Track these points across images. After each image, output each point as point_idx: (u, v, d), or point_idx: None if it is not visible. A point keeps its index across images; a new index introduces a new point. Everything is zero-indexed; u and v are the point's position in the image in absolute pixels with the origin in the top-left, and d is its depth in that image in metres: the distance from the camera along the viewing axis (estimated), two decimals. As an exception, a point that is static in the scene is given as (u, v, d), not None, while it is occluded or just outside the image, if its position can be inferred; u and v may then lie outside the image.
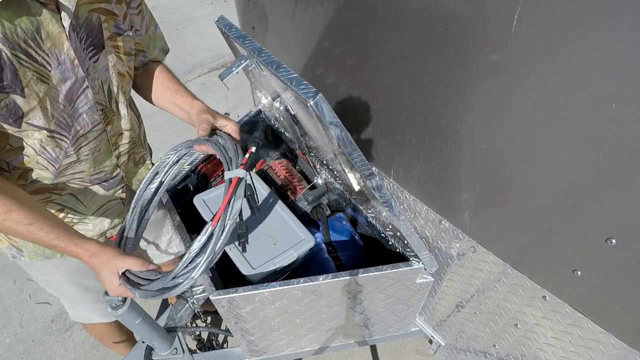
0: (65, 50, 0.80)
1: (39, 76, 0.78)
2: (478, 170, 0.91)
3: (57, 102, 0.83)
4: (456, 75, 0.84)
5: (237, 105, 3.38)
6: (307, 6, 1.16)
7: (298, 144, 1.37)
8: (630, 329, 0.78)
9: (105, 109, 0.96)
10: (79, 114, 0.89)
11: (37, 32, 0.75)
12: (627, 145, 0.63)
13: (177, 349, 1.21)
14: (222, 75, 0.99)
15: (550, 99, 0.69)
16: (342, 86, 1.20)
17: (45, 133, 0.85)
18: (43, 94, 0.79)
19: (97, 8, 0.86)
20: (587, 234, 0.75)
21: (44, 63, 0.78)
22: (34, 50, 0.75)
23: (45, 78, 0.79)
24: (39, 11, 0.74)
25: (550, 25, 0.64)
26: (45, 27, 0.76)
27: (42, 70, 0.78)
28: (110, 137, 1.01)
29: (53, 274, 1.14)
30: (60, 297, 1.29)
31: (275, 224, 1.22)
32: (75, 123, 0.89)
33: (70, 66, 0.82)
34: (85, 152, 0.95)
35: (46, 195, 0.98)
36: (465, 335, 1.26)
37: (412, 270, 1.05)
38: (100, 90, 0.93)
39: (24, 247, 1.02)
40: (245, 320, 1.09)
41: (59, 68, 0.81)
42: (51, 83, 0.80)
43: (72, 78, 0.84)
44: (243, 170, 0.87)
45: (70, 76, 0.83)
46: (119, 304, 0.96)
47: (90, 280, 1.20)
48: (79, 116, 0.89)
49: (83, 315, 1.33)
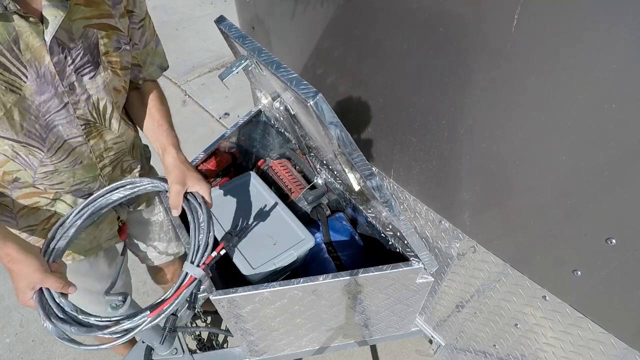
0: (46, 64, 0.78)
1: (8, 86, 0.75)
2: (478, 170, 0.91)
3: (28, 114, 0.81)
4: (456, 75, 0.84)
5: (237, 105, 3.38)
6: (307, 6, 1.16)
7: (298, 144, 1.37)
8: (630, 329, 0.78)
9: (91, 123, 0.93)
10: (54, 126, 0.86)
11: (15, 42, 0.73)
12: (627, 146, 0.63)
13: (177, 349, 1.21)
14: (222, 75, 0.99)
15: (550, 99, 0.69)
16: (342, 86, 1.20)
17: (15, 144, 0.83)
18: (11, 104, 0.77)
19: (95, 24, 0.84)
20: (587, 234, 0.75)
21: (18, 74, 0.76)
22: (8, 60, 0.73)
23: (17, 89, 0.77)
24: (19, 23, 0.73)
25: (550, 25, 0.64)
26: (24, 38, 0.74)
27: (14, 80, 0.76)
28: (94, 150, 0.97)
29: None
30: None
31: (275, 224, 1.22)
32: (49, 134, 0.86)
33: (50, 80, 0.80)
34: (64, 165, 0.93)
35: (35, 200, 0.96)
36: (465, 335, 1.26)
37: (412, 270, 1.05)
38: (90, 106, 0.90)
39: None
40: (245, 320, 1.09)
41: (36, 81, 0.78)
42: (23, 94, 0.78)
43: (51, 92, 0.82)
44: (202, 272, 0.86)
45: (49, 90, 0.81)
46: (119, 304, 0.95)
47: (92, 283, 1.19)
48: (53, 128, 0.86)
49: None
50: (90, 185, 1.02)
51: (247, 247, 1.15)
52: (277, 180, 1.48)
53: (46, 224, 1.01)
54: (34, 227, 1.00)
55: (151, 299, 2.09)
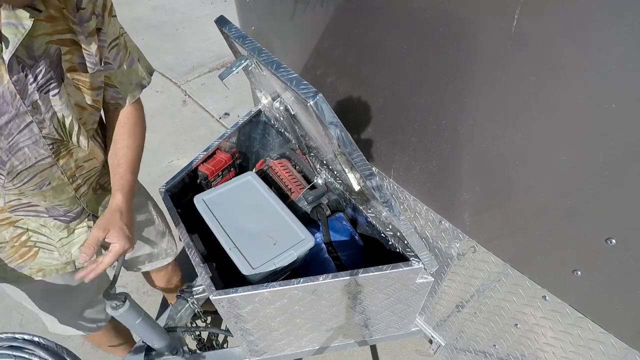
0: (4, 84, 0.74)
1: None
2: (478, 170, 0.91)
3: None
4: (456, 75, 0.84)
5: (237, 105, 3.38)
6: (307, 6, 1.16)
7: (298, 144, 1.37)
8: (630, 329, 0.78)
9: (58, 142, 0.88)
10: (19, 149, 0.82)
11: None
12: (627, 146, 0.63)
13: (177, 349, 1.21)
14: (222, 75, 0.99)
15: (550, 99, 0.69)
16: (342, 86, 1.20)
17: None
18: None
19: (57, 39, 0.79)
20: (587, 234, 0.75)
21: None
22: None
23: None
24: None
25: (550, 25, 0.64)
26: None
27: None
28: (65, 170, 0.93)
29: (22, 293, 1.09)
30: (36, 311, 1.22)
31: (275, 224, 1.22)
32: (12, 158, 0.82)
33: (10, 100, 0.76)
34: (30, 187, 0.88)
35: (5, 215, 0.92)
36: (465, 335, 1.26)
37: (412, 270, 1.05)
38: (56, 124, 0.85)
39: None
40: (245, 320, 1.09)
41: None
42: None
43: (11, 112, 0.77)
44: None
45: (9, 110, 0.76)
46: (119, 304, 0.95)
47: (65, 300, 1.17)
48: (17, 151, 0.81)
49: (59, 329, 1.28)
50: (66, 208, 0.98)
51: (247, 247, 1.15)
52: (277, 180, 1.48)
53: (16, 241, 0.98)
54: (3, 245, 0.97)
55: (151, 299, 2.09)
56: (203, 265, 1.05)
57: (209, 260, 1.15)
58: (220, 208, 1.26)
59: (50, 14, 0.77)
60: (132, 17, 4.92)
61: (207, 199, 1.28)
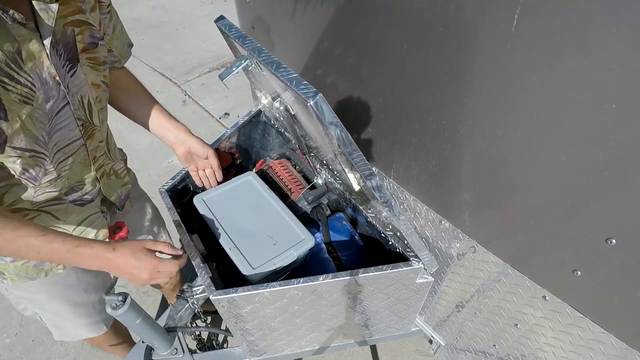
0: (45, 69, 0.78)
1: (22, 98, 0.75)
2: (478, 170, 0.91)
3: (39, 122, 0.80)
4: (456, 75, 0.84)
5: (237, 105, 3.38)
6: (307, 6, 1.16)
7: (298, 144, 1.37)
8: (630, 329, 0.78)
9: (85, 123, 0.93)
10: (57, 130, 0.86)
11: (18, 53, 0.72)
12: (627, 146, 0.63)
13: (177, 349, 1.21)
14: (222, 75, 0.99)
15: (550, 99, 0.69)
16: (342, 86, 1.20)
17: (27, 154, 0.81)
18: (25, 115, 0.76)
19: (71, 21, 0.83)
20: (587, 234, 0.75)
21: (28, 84, 0.75)
22: (16, 72, 0.72)
23: (29, 99, 0.76)
24: (19, 32, 0.71)
25: (550, 25, 0.64)
26: (25, 47, 0.73)
27: (26, 91, 0.75)
28: (91, 151, 0.97)
29: (39, 292, 1.11)
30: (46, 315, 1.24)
31: (275, 224, 1.22)
32: (53, 137, 0.85)
33: (52, 84, 0.80)
34: (65, 168, 0.92)
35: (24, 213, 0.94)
36: (465, 335, 1.26)
37: (412, 270, 1.05)
38: (79, 105, 0.89)
39: (5, 270, 0.99)
40: (245, 320, 1.09)
41: (42, 88, 0.78)
42: (35, 103, 0.77)
43: (54, 96, 0.81)
44: None
45: (54, 94, 0.81)
46: (119, 304, 0.95)
47: (79, 295, 1.18)
48: (56, 132, 0.86)
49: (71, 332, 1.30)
50: (86, 188, 1.01)
51: (247, 247, 1.15)
52: (277, 180, 1.48)
53: None
54: None
55: (151, 298, 2.09)
56: (203, 265, 1.05)
57: (209, 260, 1.15)
58: (220, 208, 1.26)
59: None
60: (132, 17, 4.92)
61: (207, 199, 1.28)
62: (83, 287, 1.17)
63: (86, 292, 1.19)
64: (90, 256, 0.83)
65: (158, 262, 0.89)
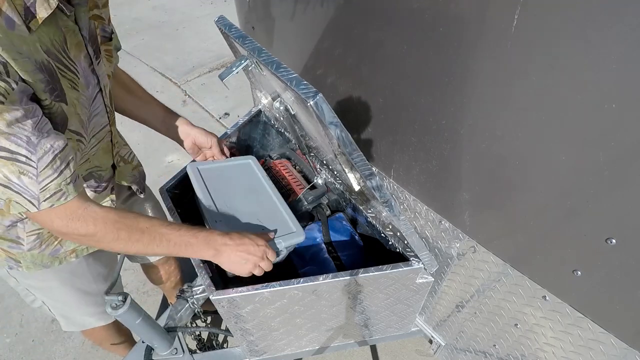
0: (83, 58, 0.84)
1: (72, 84, 0.81)
2: (478, 170, 0.91)
3: (84, 107, 0.87)
4: (456, 75, 0.84)
5: (237, 105, 3.38)
6: (307, 6, 1.16)
7: (298, 144, 1.37)
8: (630, 329, 0.78)
9: (109, 109, 0.99)
10: (94, 116, 0.92)
11: (65, 42, 0.78)
12: (627, 146, 0.63)
13: (177, 349, 1.21)
14: (222, 75, 0.99)
15: (550, 99, 0.69)
16: (342, 86, 1.20)
17: (76, 137, 0.87)
18: (75, 100, 0.83)
19: (92, 15, 0.88)
20: (587, 234, 0.75)
21: (74, 71, 0.81)
22: (66, 59, 0.79)
23: (76, 85, 0.82)
24: (65, 23, 0.78)
25: (550, 25, 0.64)
26: (69, 37, 0.79)
27: (74, 78, 0.81)
28: (113, 137, 1.04)
29: (51, 280, 1.13)
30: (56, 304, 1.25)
31: (267, 210, 1.16)
32: (90, 123, 0.92)
33: (89, 72, 0.86)
34: (92, 152, 0.98)
35: None
36: (465, 335, 1.26)
37: (412, 270, 1.05)
38: (106, 93, 0.96)
39: (22, 259, 1.01)
40: (245, 320, 1.09)
41: (83, 75, 0.84)
42: (80, 89, 0.84)
43: (92, 83, 0.88)
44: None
45: (91, 81, 0.88)
46: (119, 304, 0.95)
47: (89, 284, 1.19)
48: (93, 117, 0.92)
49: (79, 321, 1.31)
50: (102, 173, 1.05)
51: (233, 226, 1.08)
52: (277, 180, 1.48)
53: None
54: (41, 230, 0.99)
55: (151, 299, 2.09)
56: (203, 265, 1.05)
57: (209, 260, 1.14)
58: (214, 181, 1.18)
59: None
60: (132, 17, 4.92)
61: (202, 169, 1.21)
62: (93, 276, 1.19)
63: (95, 281, 1.20)
64: (206, 241, 0.90)
65: (267, 247, 0.97)
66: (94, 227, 0.80)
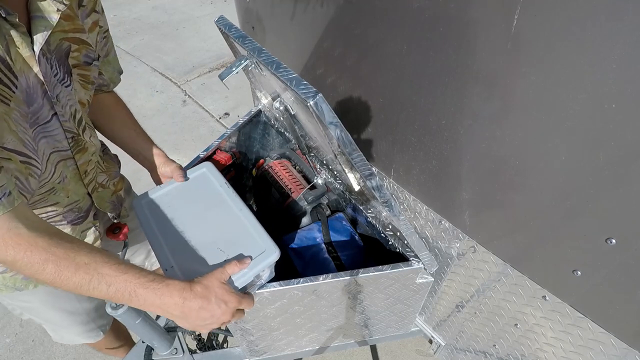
0: (34, 74, 0.76)
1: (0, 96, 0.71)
2: (478, 170, 0.91)
3: (20, 125, 0.76)
4: (456, 75, 0.84)
5: (237, 105, 3.38)
6: (307, 6, 1.16)
7: (298, 144, 1.37)
8: (630, 329, 0.78)
9: (76, 137, 0.91)
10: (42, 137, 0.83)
11: (7, 52, 0.70)
12: (627, 145, 0.63)
13: (177, 349, 1.21)
14: (222, 75, 0.99)
15: (550, 99, 0.69)
16: (342, 86, 1.20)
17: (19, 158, 0.77)
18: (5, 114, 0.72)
19: (71, 37, 0.84)
20: (587, 234, 0.75)
21: (8, 84, 0.72)
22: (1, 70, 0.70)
23: (6, 99, 0.72)
24: (9, 32, 0.70)
25: (550, 25, 0.64)
26: (14, 48, 0.72)
27: (4, 91, 0.71)
28: (80, 165, 0.95)
29: (32, 302, 1.09)
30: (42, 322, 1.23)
31: (230, 230, 0.96)
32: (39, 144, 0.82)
33: (38, 91, 0.78)
34: (57, 180, 0.89)
35: None
36: (465, 335, 1.26)
37: (412, 270, 1.05)
38: (70, 118, 0.88)
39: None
40: (245, 320, 1.09)
41: (26, 90, 0.75)
42: (12, 104, 0.73)
43: (39, 102, 0.79)
44: None
45: (38, 100, 0.78)
46: (118, 304, 0.95)
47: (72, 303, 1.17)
48: (41, 139, 0.82)
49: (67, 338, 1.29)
50: (81, 205, 1.00)
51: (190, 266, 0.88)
52: (277, 180, 1.48)
53: None
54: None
55: (151, 299, 2.09)
56: (203, 265, 1.04)
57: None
58: (162, 213, 1.01)
59: (68, 13, 0.81)
60: (132, 17, 4.93)
61: (147, 202, 1.04)
62: (75, 296, 1.15)
63: (79, 300, 1.17)
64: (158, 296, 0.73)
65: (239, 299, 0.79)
66: (14, 254, 0.68)
